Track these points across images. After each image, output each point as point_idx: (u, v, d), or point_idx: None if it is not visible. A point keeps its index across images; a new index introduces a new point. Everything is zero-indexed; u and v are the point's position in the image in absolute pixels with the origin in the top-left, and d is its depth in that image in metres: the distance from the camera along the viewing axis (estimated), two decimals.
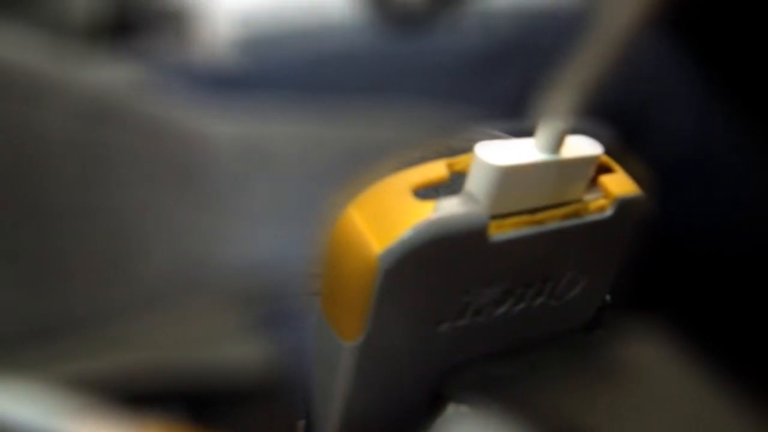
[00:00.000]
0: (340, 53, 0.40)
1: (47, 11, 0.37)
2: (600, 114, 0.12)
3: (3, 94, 0.24)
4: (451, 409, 0.14)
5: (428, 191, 0.12)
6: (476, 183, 0.12)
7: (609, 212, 0.13)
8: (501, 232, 0.12)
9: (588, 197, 0.13)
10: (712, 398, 0.15)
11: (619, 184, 0.14)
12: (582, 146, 0.13)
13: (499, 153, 0.12)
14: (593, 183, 0.14)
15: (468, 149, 0.12)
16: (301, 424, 0.15)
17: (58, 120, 0.25)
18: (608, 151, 0.13)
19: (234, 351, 0.25)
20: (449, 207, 0.12)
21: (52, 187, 0.25)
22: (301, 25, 0.43)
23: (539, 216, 0.13)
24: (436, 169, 0.12)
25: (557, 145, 0.12)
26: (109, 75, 0.29)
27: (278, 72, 0.40)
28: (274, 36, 0.42)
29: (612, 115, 0.11)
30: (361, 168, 0.13)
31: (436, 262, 0.12)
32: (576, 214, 0.13)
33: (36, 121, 0.25)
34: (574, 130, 0.12)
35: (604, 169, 0.14)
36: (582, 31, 0.11)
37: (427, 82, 0.38)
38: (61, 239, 0.25)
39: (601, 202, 0.14)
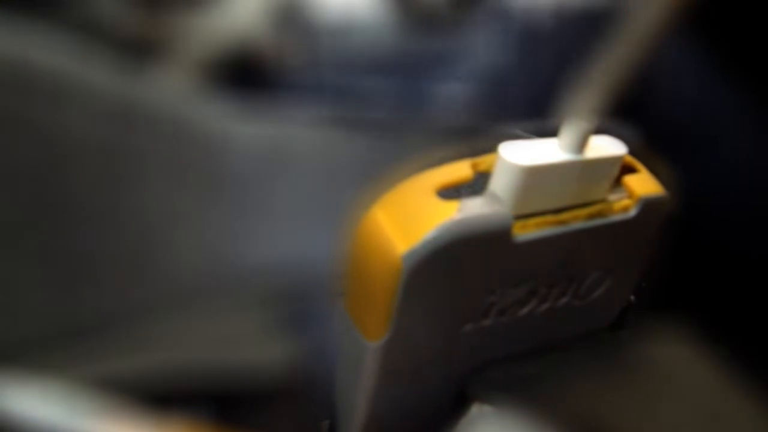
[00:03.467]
0: (364, 53, 0.40)
1: (76, 15, 0.38)
2: None
3: (31, 95, 0.25)
4: (476, 409, 0.14)
5: (452, 191, 0.12)
6: (500, 183, 0.12)
7: (633, 212, 0.13)
8: (525, 232, 0.12)
9: (612, 197, 0.13)
10: (737, 398, 0.15)
11: (643, 184, 0.14)
12: (606, 146, 0.13)
13: (523, 153, 0.12)
14: (617, 183, 0.14)
15: (492, 149, 0.12)
16: (326, 424, 0.15)
17: (85, 122, 0.26)
18: (632, 152, 0.13)
19: (259, 351, 0.25)
20: (473, 207, 0.12)
21: (79, 188, 0.25)
22: (325, 26, 0.43)
23: (563, 216, 0.13)
24: (460, 170, 0.12)
25: (581, 145, 0.12)
26: (134, 78, 0.29)
27: (301, 73, 0.40)
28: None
29: None
30: (383, 169, 0.13)
31: (460, 263, 0.12)
32: (600, 215, 0.13)
33: (63, 122, 0.25)
34: (598, 130, 0.12)
35: (628, 169, 0.14)
36: (608, 31, 0.11)
37: (450, 82, 0.38)
38: (88, 240, 0.25)
39: (625, 202, 0.13)
